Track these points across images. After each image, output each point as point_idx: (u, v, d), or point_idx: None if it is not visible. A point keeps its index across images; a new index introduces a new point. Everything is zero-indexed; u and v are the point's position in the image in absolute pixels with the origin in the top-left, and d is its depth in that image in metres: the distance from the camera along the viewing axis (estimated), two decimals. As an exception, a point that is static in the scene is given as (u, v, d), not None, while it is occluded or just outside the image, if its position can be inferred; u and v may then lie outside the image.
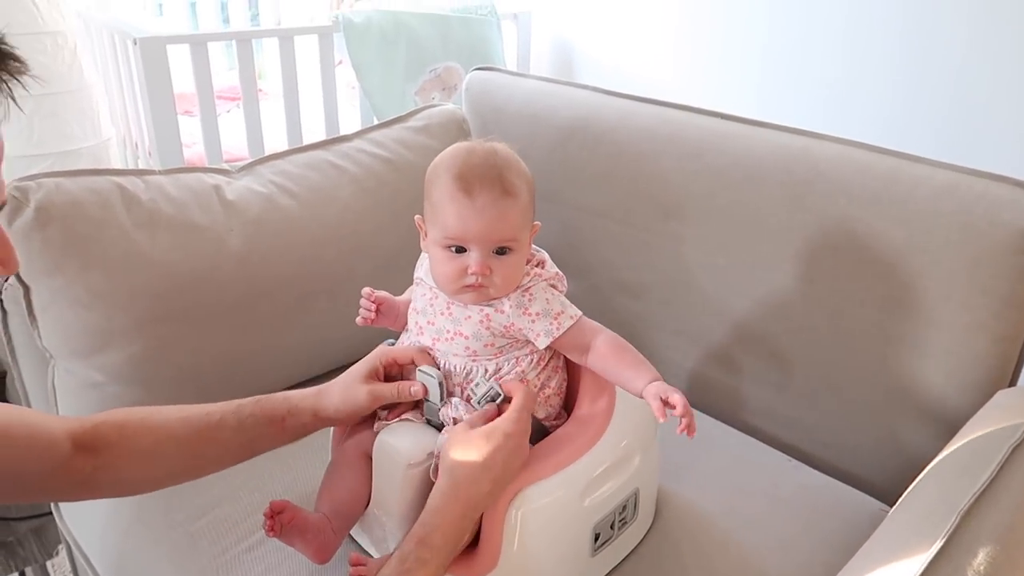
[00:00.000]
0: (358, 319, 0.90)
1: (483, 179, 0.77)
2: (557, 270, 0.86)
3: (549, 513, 0.76)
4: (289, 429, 0.81)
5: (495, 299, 0.81)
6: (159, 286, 1.02)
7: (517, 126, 1.40)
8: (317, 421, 0.82)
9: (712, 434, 1.12)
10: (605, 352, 0.81)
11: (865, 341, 1.03)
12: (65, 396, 1.05)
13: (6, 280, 1.01)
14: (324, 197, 1.19)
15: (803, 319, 1.08)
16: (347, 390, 0.81)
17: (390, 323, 0.91)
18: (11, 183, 0.97)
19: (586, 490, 0.78)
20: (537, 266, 0.84)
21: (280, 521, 0.77)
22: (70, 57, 2.01)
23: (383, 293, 0.90)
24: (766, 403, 1.14)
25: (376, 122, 1.52)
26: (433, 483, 0.75)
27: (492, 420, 0.77)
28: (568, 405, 0.87)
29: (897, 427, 1.02)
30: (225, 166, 1.19)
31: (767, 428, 1.14)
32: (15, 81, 0.53)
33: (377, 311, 0.89)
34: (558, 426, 0.84)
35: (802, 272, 1.07)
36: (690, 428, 0.72)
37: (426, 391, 0.80)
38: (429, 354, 0.84)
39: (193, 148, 2.16)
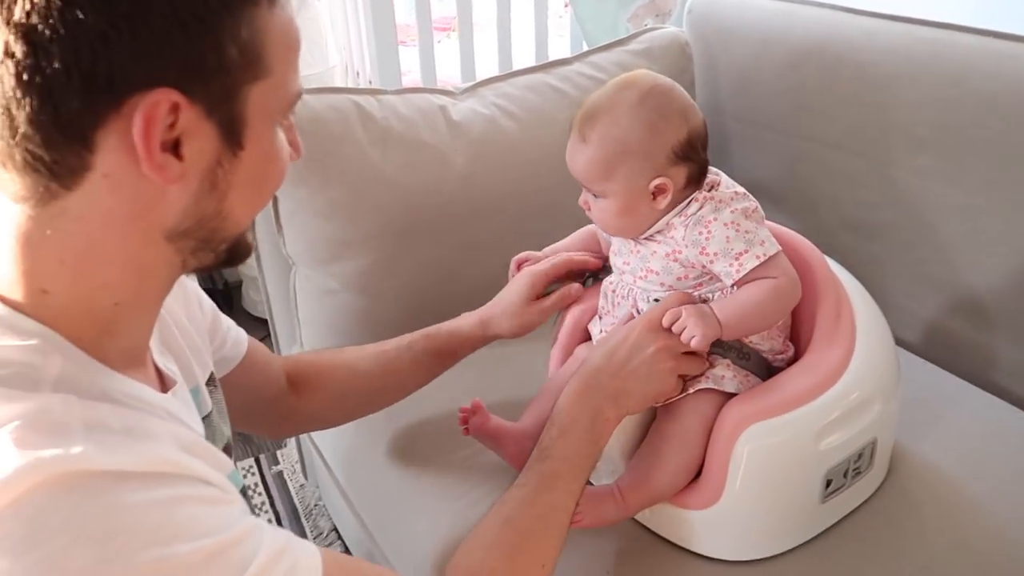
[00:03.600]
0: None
1: (577, 121, 0.77)
2: (736, 188, 0.78)
3: (780, 454, 0.72)
4: (460, 356, 0.90)
5: (659, 233, 0.77)
6: (389, 201, 1.07)
7: (743, 49, 1.30)
8: (489, 341, 0.90)
9: (956, 393, 1.01)
10: (744, 292, 0.74)
11: None
12: (305, 300, 1.14)
13: None
14: (543, 119, 1.18)
15: (1081, 270, 0.94)
16: (517, 316, 0.87)
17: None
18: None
19: (821, 433, 0.73)
20: (710, 189, 0.77)
21: (473, 423, 0.81)
22: (302, -10, 2.12)
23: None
24: (1022, 363, 1.01)
25: (586, 48, 1.49)
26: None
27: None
28: (796, 336, 0.81)
29: None
30: (450, 88, 1.21)
31: (1021, 390, 1.01)
32: None
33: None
34: (785, 360, 0.80)
35: (1085, 216, 0.92)
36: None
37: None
38: (563, 261, 0.88)
39: (409, 76, 2.23)
